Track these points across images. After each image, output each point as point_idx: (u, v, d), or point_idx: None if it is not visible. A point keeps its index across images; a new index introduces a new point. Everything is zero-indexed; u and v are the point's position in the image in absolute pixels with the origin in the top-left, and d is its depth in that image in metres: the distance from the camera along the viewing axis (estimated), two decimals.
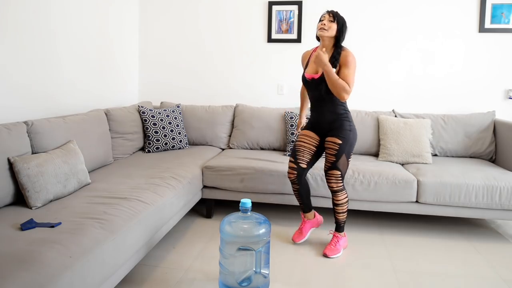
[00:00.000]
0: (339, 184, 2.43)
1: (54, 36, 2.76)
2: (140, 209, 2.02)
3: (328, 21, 2.33)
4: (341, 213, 2.49)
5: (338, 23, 2.34)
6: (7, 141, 2.00)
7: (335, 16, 2.34)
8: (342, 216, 2.50)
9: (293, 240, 2.61)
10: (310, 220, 2.66)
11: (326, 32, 2.34)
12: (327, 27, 2.33)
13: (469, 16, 3.51)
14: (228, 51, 3.92)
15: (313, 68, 2.44)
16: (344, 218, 2.51)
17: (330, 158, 2.41)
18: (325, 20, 2.34)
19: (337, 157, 2.38)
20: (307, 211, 2.64)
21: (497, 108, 3.50)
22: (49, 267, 1.37)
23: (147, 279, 2.14)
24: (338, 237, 2.53)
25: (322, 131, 2.49)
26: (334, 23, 2.33)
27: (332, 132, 2.42)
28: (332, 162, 2.40)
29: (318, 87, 2.38)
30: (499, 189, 2.62)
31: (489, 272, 2.30)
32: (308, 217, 2.65)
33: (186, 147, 3.45)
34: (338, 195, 2.45)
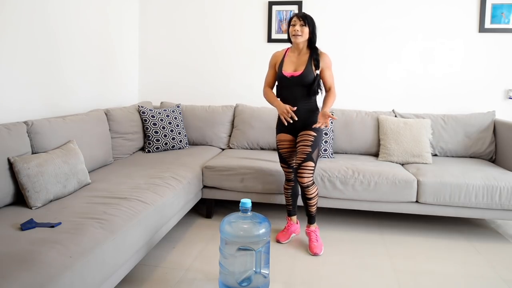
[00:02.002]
0: (310, 178, 2.46)
1: (54, 36, 2.76)
2: (140, 209, 2.02)
3: (300, 26, 2.43)
4: (313, 206, 2.55)
5: (309, 26, 2.44)
6: (7, 141, 2.00)
7: (306, 19, 2.43)
8: (315, 208, 2.57)
9: (279, 240, 2.63)
10: (294, 224, 2.74)
11: (300, 38, 2.45)
12: (300, 32, 2.43)
13: (469, 16, 3.51)
14: (228, 51, 3.92)
15: (290, 66, 2.52)
16: (316, 209, 2.58)
17: (306, 150, 2.45)
18: (297, 26, 2.43)
19: (313, 148, 2.45)
20: (293, 214, 2.73)
21: (497, 108, 3.50)
22: (49, 267, 1.37)
23: (147, 279, 2.14)
24: (314, 231, 2.59)
25: (296, 129, 2.54)
26: (306, 26, 2.43)
27: (307, 126, 2.50)
28: (307, 153, 2.44)
29: (297, 84, 2.47)
30: (499, 189, 2.62)
31: (489, 272, 2.30)
32: (293, 221, 2.74)
33: (186, 147, 3.45)
34: (310, 189, 2.49)
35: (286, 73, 2.50)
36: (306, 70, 2.45)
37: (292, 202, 2.70)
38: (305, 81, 2.45)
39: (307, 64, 2.47)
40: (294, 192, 2.68)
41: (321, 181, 2.78)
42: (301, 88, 2.48)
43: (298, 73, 2.47)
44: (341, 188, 2.76)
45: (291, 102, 2.49)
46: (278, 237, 2.64)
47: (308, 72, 2.45)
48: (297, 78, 2.46)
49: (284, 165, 2.63)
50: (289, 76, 2.49)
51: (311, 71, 2.46)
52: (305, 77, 2.45)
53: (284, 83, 2.53)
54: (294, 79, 2.47)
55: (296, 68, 2.50)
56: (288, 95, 2.52)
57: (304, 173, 2.43)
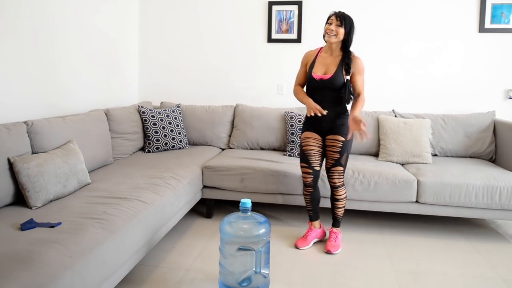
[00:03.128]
0: (341, 179, 2.50)
1: (54, 36, 2.76)
2: (140, 209, 2.02)
3: (336, 26, 2.35)
4: (340, 208, 2.55)
5: (346, 27, 2.36)
6: (7, 141, 2.00)
7: (343, 19, 2.35)
8: (341, 211, 2.56)
9: (297, 246, 2.57)
10: (316, 229, 2.65)
11: (334, 38, 2.38)
12: (335, 32, 2.36)
13: (469, 16, 3.51)
14: (228, 51, 3.92)
15: (321, 68, 2.46)
16: (342, 213, 2.58)
17: (334, 156, 2.45)
18: (332, 25, 2.36)
19: (341, 154, 2.45)
20: (314, 219, 2.64)
21: (497, 108, 3.49)
22: (49, 267, 1.37)
23: (147, 279, 2.14)
24: (336, 233, 2.58)
25: (323, 130, 2.51)
26: (342, 27, 2.35)
27: (334, 130, 2.46)
28: (336, 159, 2.45)
29: (326, 87, 2.41)
30: (499, 189, 2.62)
31: (489, 272, 2.30)
32: (314, 226, 2.64)
33: (186, 147, 3.45)
34: (339, 190, 2.52)
35: (315, 75, 2.45)
36: (335, 74, 2.39)
37: (312, 207, 2.59)
38: (334, 85, 2.39)
39: (338, 68, 2.40)
40: (314, 197, 2.57)
41: (321, 181, 2.77)
42: (330, 92, 2.42)
43: (328, 76, 2.41)
44: None
45: (320, 104, 2.43)
46: (297, 243, 2.57)
47: (338, 77, 2.39)
48: (326, 81, 2.40)
49: (304, 165, 2.50)
50: (318, 79, 2.43)
51: (340, 75, 2.39)
52: (334, 81, 2.39)
53: (313, 85, 2.48)
54: (323, 82, 2.41)
55: (326, 71, 2.44)
56: (316, 98, 2.46)
57: (334, 176, 2.49)
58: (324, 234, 2.69)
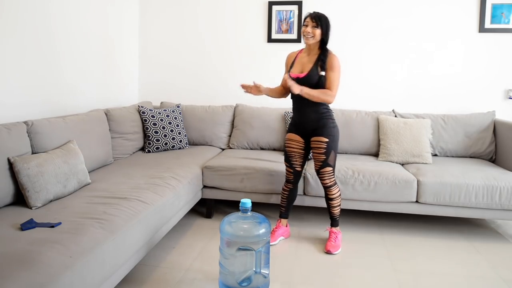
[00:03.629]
0: (331, 179, 2.51)
1: (54, 36, 2.76)
2: (140, 209, 2.02)
3: (312, 27, 2.39)
4: (335, 207, 2.56)
5: (322, 27, 2.39)
6: (7, 141, 2.00)
7: (318, 20, 2.38)
8: (337, 210, 2.56)
9: None
10: (283, 226, 2.71)
11: (311, 40, 2.42)
12: (311, 34, 2.40)
13: (469, 16, 3.51)
14: (228, 51, 3.92)
15: (298, 68, 2.50)
16: (339, 212, 2.58)
17: (320, 157, 2.47)
18: (309, 27, 2.40)
19: (327, 155, 2.46)
20: (285, 217, 2.71)
21: (497, 108, 3.50)
22: (49, 267, 1.37)
23: (147, 279, 2.14)
24: (336, 233, 2.59)
25: (306, 132, 2.53)
26: (318, 28, 2.39)
27: (317, 132, 2.48)
28: (322, 161, 2.47)
29: (303, 86, 2.42)
30: (499, 189, 2.62)
31: (489, 272, 2.30)
32: (282, 223, 2.71)
33: (186, 147, 3.45)
34: (331, 190, 2.52)
35: (292, 74, 2.48)
36: (310, 72, 2.42)
37: (286, 205, 2.69)
38: (309, 83, 2.41)
39: (313, 65, 2.43)
40: (290, 196, 2.66)
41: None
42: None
43: (303, 74, 2.44)
44: (341, 188, 2.76)
45: (300, 105, 2.47)
46: None
47: (313, 74, 2.41)
48: (302, 79, 2.43)
49: (287, 164, 2.60)
50: (294, 78, 2.46)
51: (316, 72, 2.41)
52: (309, 79, 2.41)
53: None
54: (298, 81, 2.43)
55: (302, 70, 2.47)
56: (296, 98, 2.49)
57: (324, 177, 2.50)
58: (289, 234, 2.74)
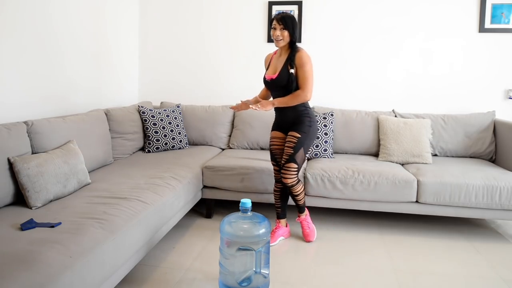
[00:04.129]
0: (294, 178, 2.49)
1: (53, 36, 2.76)
2: (140, 209, 2.02)
3: (280, 30, 2.41)
4: (301, 199, 2.61)
5: (288, 28, 2.41)
6: (7, 141, 2.00)
7: (284, 22, 2.40)
8: (302, 200, 2.62)
9: None
10: (283, 227, 2.70)
11: (282, 42, 2.45)
12: (281, 37, 2.43)
13: (469, 16, 3.51)
14: (228, 51, 3.92)
15: (272, 69, 2.54)
16: (304, 200, 2.62)
17: (288, 151, 2.48)
18: (277, 30, 2.42)
19: (295, 150, 2.46)
20: (282, 217, 2.71)
21: (497, 108, 3.49)
22: (49, 267, 1.37)
23: (147, 279, 2.14)
24: (305, 219, 2.66)
25: (286, 129, 2.57)
26: (286, 30, 2.41)
27: (293, 127, 2.51)
28: (290, 155, 2.46)
29: (276, 86, 2.48)
30: (499, 189, 2.62)
31: (489, 272, 2.30)
32: (282, 224, 2.71)
33: (186, 147, 3.45)
34: (295, 188, 2.53)
35: (267, 76, 2.53)
36: (281, 72, 2.45)
37: (281, 204, 2.68)
38: (281, 83, 2.44)
39: (283, 65, 2.45)
40: (283, 195, 2.66)
41: (321, 181, 2.78)
42: (281, 90, 2.48)
43: (275, 75, 2.47)
44: (341, 188, 2.76)
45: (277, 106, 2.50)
46: None
47: (283, 73, 2.44)
48: (275, 80, 2.47)
49: (273, 162, 2.64)
50: (268, 79, 2.52)
51: (285, 72, 2.43)
52: (280, 79, 2.45)
53: (267, 86, 2.58)
54: (272, 82, 2.49)
55: (275, 71, 2.51)
56: (274, 97, 2.56)
57: (287, 174, 2.47)
58: (289, 233, 2.74)
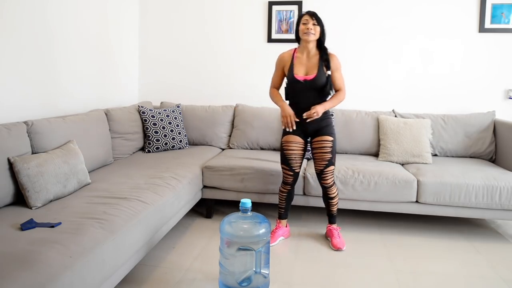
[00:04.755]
0: (333, 178, 2.55)
1: (54, 36, 2.76)
2: (140, 209, 2.02)
3: (313, 25, 2.40)
4: (335, 205, 2.61)
5: (320, 25, 2.42)
6: (7, 141, 2.00)
7: (316, 18, 2.41)
8: (336, 207, 2.62)
9: None
10: (283, 227, 2.70)
11: (313, 36, 2.42)
12: (313, 31, 2.40)
13: (469, 16, 3.51)
14: (228, 51, 3.92)
15: (301, 69, 2.49)
16: (337, 209, 2.63)
17: (326, 156, 2.47)
18: (309, 24, 2.40)
19: (333, 153, 2.49)
20: (284, 217, 2.69)
21: (497, 108, 3.49)
22: (49, 267, 1.37)
23: (147, 279, 2.14)
24: (337, 229, 2.64)
25: (309, 132, 2.53)
26: (318, 25, 2.41)
27: (321, 131, 2.50)
28: (328, 160, 2.48)
29: (310, 87, 2.44)
30: (499, 189, 2.62)
31: (489, 272, 2.30)
32: (282, 224, 2.70)
33: (186, 147, 3.45)
34: (332, 189, 2.56)
35: (298, 77, 2.46)
36: (318, 74, 2.42)
37: (285, 205, 2.66)
38: (318, 85, 2.43)
39: (319, 66, 2.44)
40: (289, 197, 2.65)
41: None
42: (314, 92, 2.45)
43: (311, 76, 2.43)
44: (341, 188, 2.76)
45: (304, 106, 2.45)
46: None
47: (321, 75, 2.42)
48: (311, 82, 2.43)
49: (285, 167, 2.56)
50: (302, 80, 2.45)
51: (323, 73, 2.43)
52: (318, 81, 2.42)
53: (296, 87, 2.48)
54: (307, 83, 2.44)
55: (307, 71, 2.46)
56: (301, 99, 2.48)
57: (327, 176, 2.51)
58: (289, 234, 2.73)
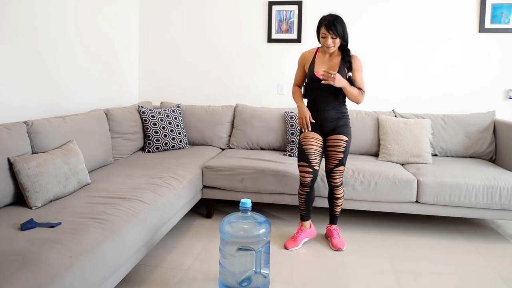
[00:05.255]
0: (342, 178, 2.55)
1: (54, 36, 2.76)
2: (140, 209, 2.02)
3: (331, 39, 2.38)
4: (339, 206, 2.62)
5: (339, 34, 2.37)
6: (7, 141, 2.00)
7: (335, 30, 2.35)
8: (340, 208, 2.63)
9: (286, 247, 2.55)
10: (306, 229, 2.64)
11: (333, 49, 2.43)
12: (332, 44, 2.39)
13: (469, 16, 3.51)
14: (228, 51, 3.92)
15: (323, 68, 2.47)
16: (340, 210, 2.64)
17: (338, 156, 2.48)
18: (328, 40, 2.38)
19: (345, 153, 2.50)
20: (306, 219, 2.63)
21: (497, 108, 3.49)
22: (49, 267, 1.37)
23: (147, 279, 2.14)
24: (337, 229, 2.65)
25: (325, 130, 2.53)
26: (337, 38, 2.38)
27: (337, 130, 2.50)
28: (340, 159, 2.49)
29: (330, 86, 2.41)
30: (499, 189, 2.62)
31: (489, 272, 2.30)
32: (305, 226, 2.64)
33: (186, 147, 3.45)
34: (339, 189, 2.57)
35: (318, 74, 2.45)
36: (339, 73, 2.41)
37: (305, 207, 2.58)
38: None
39: (340, 66, 2.45)
40: (309, 198, 2.56)
41: (321, 181, 2.77)
42: (332, 91, 2.45)
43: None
44: None
45: (322, 104, 2.48)
46: (286, 244, 2.55)
47: (342, 74, 2.42)
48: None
49: (304, 164, 2.46)
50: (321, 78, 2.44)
51: (344, 74, 2.43)
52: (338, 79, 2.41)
53: (315, 84, 2.48)
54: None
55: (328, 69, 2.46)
56: (319, 97, 2.49)
57: (336, 175, 2.52)
58: (314, 234, 2.70)
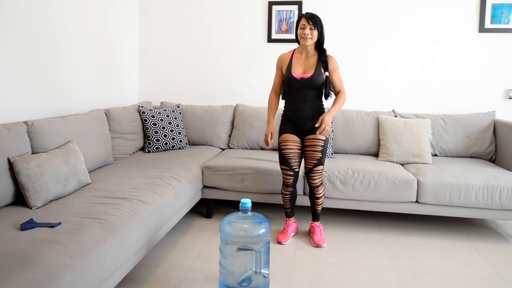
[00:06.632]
0: (321, 178, 2.56)
1: (54, 36, 2.76)
2: (140, 209, 2.02)
3: (310, 29, 2.43)
4: (320, 204, 2.65)
5: (318, 28, 2.44)
6: (7, 141, 2.00)
7: (314, 21, 2.42)
8: (321, 206, 2.66)
9: (280, 241, 2.61)
10: (292, 224, 2.73)
11: (310, 41, 2.46)
12: (310, 35, 2.44)
13: (469, 16, 3.51)
14: (228, 51, 3.92)
15: (299, 68, 2.53)
16: (321, 208, 2.66)
17: (316, 155, 2.50)
18: (306, 29, 2.43)
19: (323, 153, 2.51)
20: (291, 215, 2.72)
21: (497, 108, 3.49)
22: (49, 267, 1.37)
23: (147, 279, 2.14)
24: (319, 226, 2.67)
25: (303, 131, 2.55)
26: (315, 29, 2.43)
27: (314, 130, 2.50)
28: (318, 159, 2.50)
29: (307, 86, 2.48)
30: (499, 189, 2.62)
31: (489, 272, 2.30)
32: (291, 221, 2.73)
33: (186, 147, 3.45)
34: (319, 189, 2.58)
35: (295, 74, 2.50)
36: (316, 73, 2.46)
37: (290, 205, 2.69)
38: (315, 84, 2.47)
39: (317, 66, 2.48)
40: (292, 197, 2.68)
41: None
42: (310, 91, 2.50)
43: (308, 75, 2.48)
44: (341, 188, 2.76)
45: (299, 104, 2.51)
46: (279, 239, 2.63)
47: (318, 75, 2.46)
48: (308, 80, 2.47)
49: (285, 167, 2.56)
50: (299, 78, 2.49)
51: (320, 73, 2.47)
52: (315, 80, 2.47)
53: (293, 85, 2.52)
54: (304, 82, 2.48)
55: (305, 71, 2.51)
56: (297, 97, 2.53)
57: (315, 176, 2.53)
58: (297, 229, 2.78)
